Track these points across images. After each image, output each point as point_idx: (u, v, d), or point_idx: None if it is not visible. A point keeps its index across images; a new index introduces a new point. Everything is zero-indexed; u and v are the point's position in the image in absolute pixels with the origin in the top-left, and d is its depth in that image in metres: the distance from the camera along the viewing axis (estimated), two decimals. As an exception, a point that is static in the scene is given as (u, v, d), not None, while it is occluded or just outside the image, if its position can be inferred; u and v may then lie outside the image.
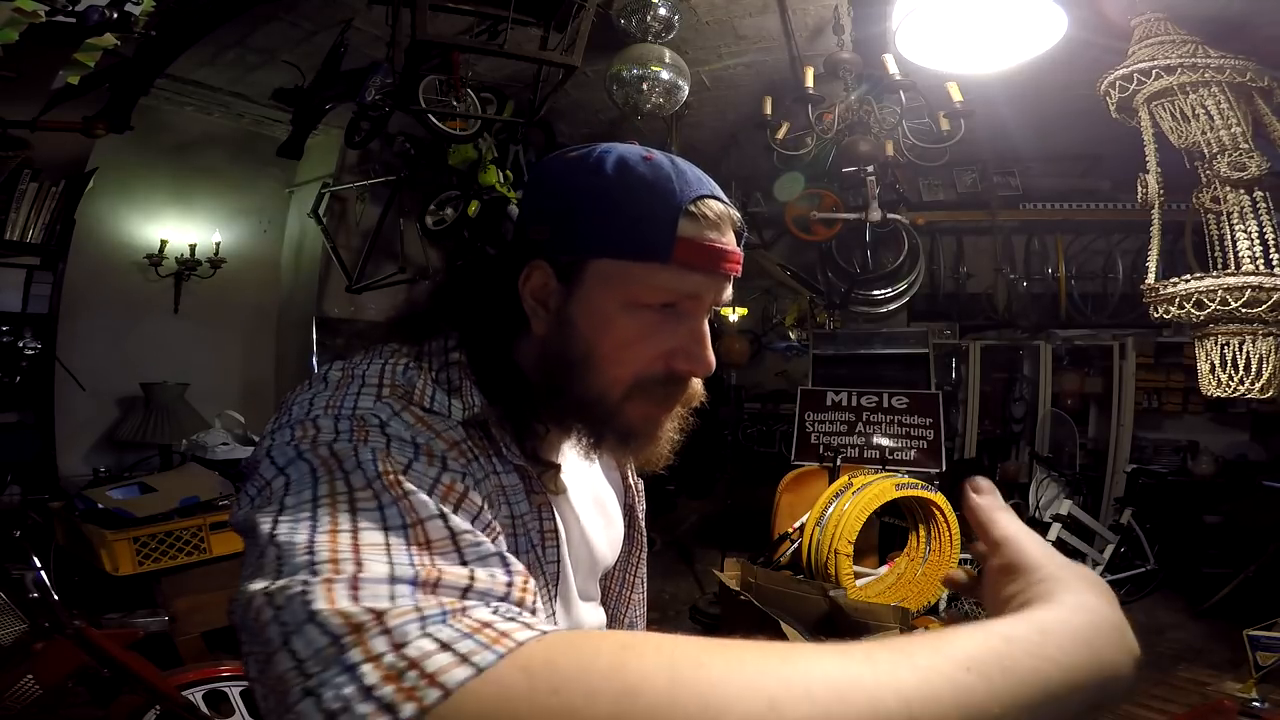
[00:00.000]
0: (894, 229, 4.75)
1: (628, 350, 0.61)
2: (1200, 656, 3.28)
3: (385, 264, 4.33)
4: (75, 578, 2.57)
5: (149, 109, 3.29)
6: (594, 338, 0.61)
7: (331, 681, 0.34)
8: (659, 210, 0.59)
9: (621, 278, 0.60)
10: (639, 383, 0.62)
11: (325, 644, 0.36)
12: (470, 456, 0.57)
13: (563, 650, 0.36)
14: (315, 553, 0.40)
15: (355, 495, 0.45)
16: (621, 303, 0.60)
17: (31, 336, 3.15)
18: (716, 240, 0.60)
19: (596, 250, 0.60)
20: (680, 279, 0.60)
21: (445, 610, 0.37)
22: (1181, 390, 5.08)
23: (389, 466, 0.47)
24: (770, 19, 3.20)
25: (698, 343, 0.62)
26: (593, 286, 0.61)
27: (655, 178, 0.60)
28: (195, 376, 3.75)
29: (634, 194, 0.60)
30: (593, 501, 0.75)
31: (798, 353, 6.09)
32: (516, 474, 0.63)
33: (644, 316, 0.60)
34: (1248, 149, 1.97)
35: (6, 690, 1.80)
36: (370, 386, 0.57)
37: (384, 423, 0.52)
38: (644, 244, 0.59)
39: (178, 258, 3.78)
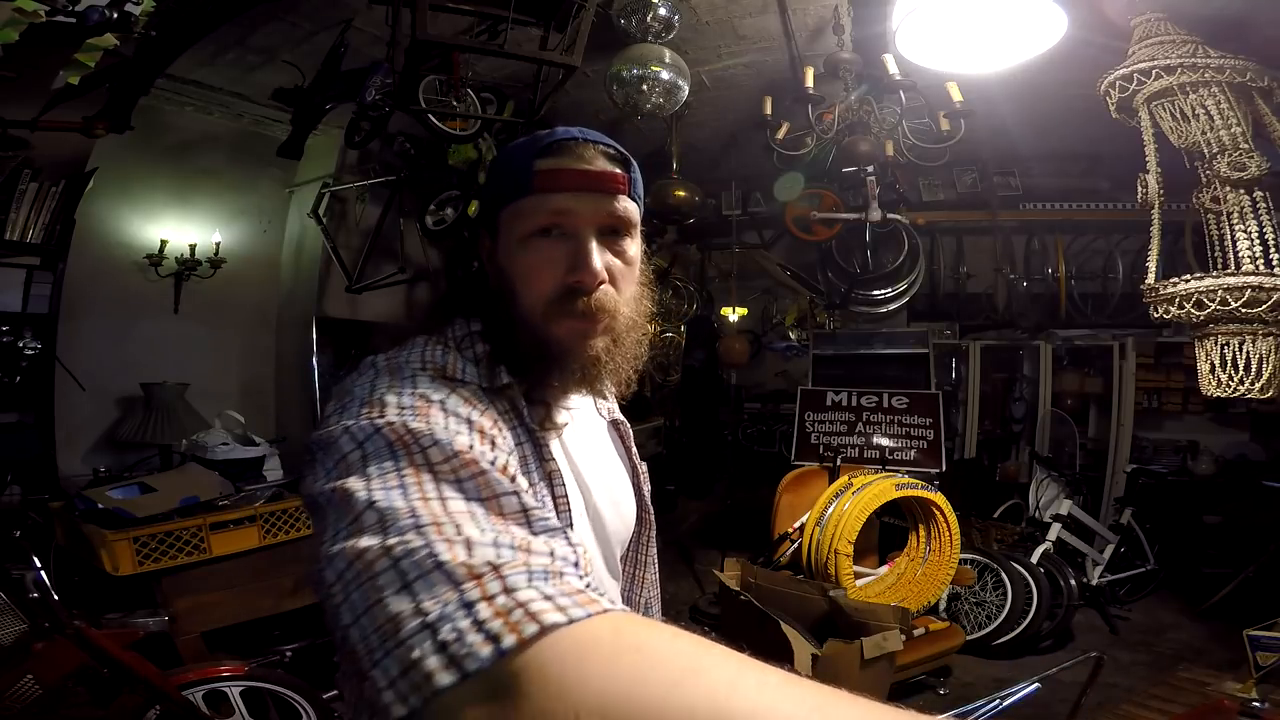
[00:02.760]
0: (894, 229, 4.75)
1: (532, 275, 0.71)
2: (1200, 656, 3.28)
3: (385, 264, 4.33)
4: (75, 578, 2.56)
5: (149, 109, 3.29)
6: (510, 271, 0.73)
7: (450, 616, 0.40)
8: (521, 156, 0.72)
9: (511, 217, 0.72)
10: (550, 301, 0.71)
11: (447, 588, 0.42)
12: (503, 429, 0.64)
13: (646, 624, 0.42)
14: (418, 516, 0.46)
15: (435, 468, 0.51)
16: (517, 238, 0.72)
17: (31, 336, 3.15)
18: (573, 165, 0.70)
19: (497, 204, 0.74)
20: (546, 201, 0.70)
21: (547, 571, 0.44)
22: (1181, 390, 5.08)
23: (461, 445, 0.54)
24: (770, 19, 3.20)
25: (581, 254, 0.70)
26: (502, 234, 0.74)
27: (528, 138, 0.73)
28: (195, 376, 3.74)
29: (510, 154, 0.74)
30: (605, 479, 0.82)
31: (798, 353, 6.09)
32: (531, 441, 0.70)
33: (535, 244, 0.71)
34: (1248, 149, 1.97)
35: (6, 690, 1.80)
36: (417, 368, 0.65)
37: (443, 401, 0.60)
38: (515, 185, 0.71)
39: (178, 258, 3.78)
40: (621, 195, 0.72)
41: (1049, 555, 3.73)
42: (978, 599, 3.55)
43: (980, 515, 4.50)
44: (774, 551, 3.48)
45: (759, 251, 5.89)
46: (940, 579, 3.23)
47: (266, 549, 2.72)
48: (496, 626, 0.39)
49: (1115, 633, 3.77)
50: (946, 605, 3.57)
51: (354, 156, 4.15)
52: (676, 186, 4.29)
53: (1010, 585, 3.46)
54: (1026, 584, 3.47)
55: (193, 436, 3.25)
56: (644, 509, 0.91)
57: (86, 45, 1.91)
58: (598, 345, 0.73)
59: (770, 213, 5.31)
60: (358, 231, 4.30)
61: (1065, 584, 3.56)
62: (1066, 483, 4.32)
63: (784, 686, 0.37)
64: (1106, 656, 1.32)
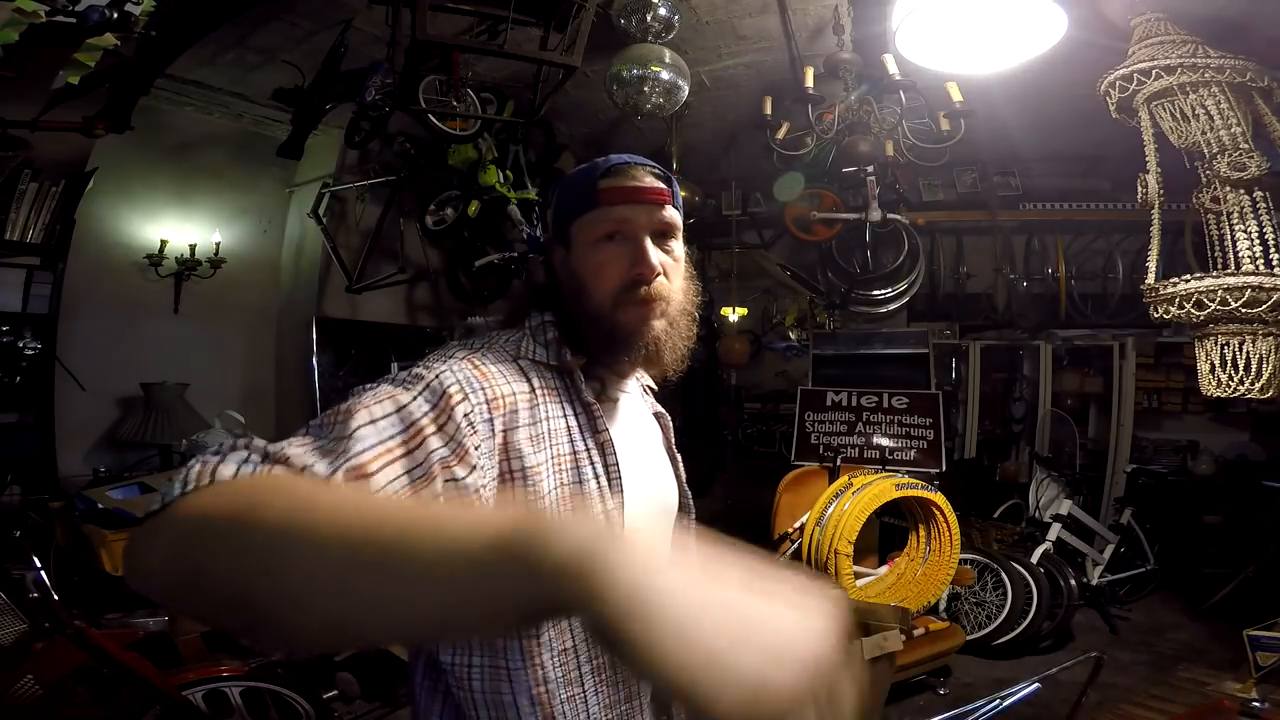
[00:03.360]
0: (894, 229, 4.75)
1: (601, 271, 0.86)
2: (1200, 656, 3.28)
3: (385, 264, 4.33)
4: (75, 578, 2.57)
5: (149, 109, 3.29)
6: (582, 272, 0.88)
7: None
8: (590, 175, 0.88)
9: (581, 228, 0.88)
10: (617, 293, 0.86)
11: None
12: (539, 402, 0.80)
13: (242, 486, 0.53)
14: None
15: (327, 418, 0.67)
16: (588, 243, 0.87)
17: (31, 336, 3.15)
18: (628, 183, 0.87)
19: (570, 218, 0.89)
20: (609, 212, 0.86)
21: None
22: (1181, 390, 5.08)
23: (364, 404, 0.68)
24: (770, 19, 3.20)
25: (640, 252, 0.86)
26: (575, 242, 0.89)
27: (588, 165, 0.90)
28: (195, 376, 3.74)
29: (578, 173, 0.91)
30: (651, 461, 0.96)
31: (798, 353, 6.08)
32: (586, 414, 0.85)
33: (603, 247, 0.87)
34: (1248, 149, 1.97)
35: (6, 690, 1.80)
36: (463, 350, 0.81)
37: (438, 375, 0.74)
38: (585, 200, 0.87)
39: (178, 258, 3.78)
40: (667, 205, 0.89)
41: (1049, 555, 3.73)
42: (978, 599, 3.55)
43: (980, 515, 4.50)
44: (774, 551, 3.48)
45: (759, 251, 5.89)
46: (940, 579, 3.23)
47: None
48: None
49: (1115, 633, 3.77)
50: (946, 605, 3.57)
51: (354, 156, 4.15)
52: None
53: (1010, 585, 3.46)
54: (1026, 584, 3.47)
55: (193, 436, 3.25)
56: (684, 495, 1.02)
57: (86, 45, 1.91)
58: (657, 327, 0.88)
59: (770, 213, 5.30)
60: (358, 231, 4.30)
61: (1065, 584, 3.56)
62: (1066, 483, 4.32)
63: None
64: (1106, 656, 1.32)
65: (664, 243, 0.89)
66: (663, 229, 0.88)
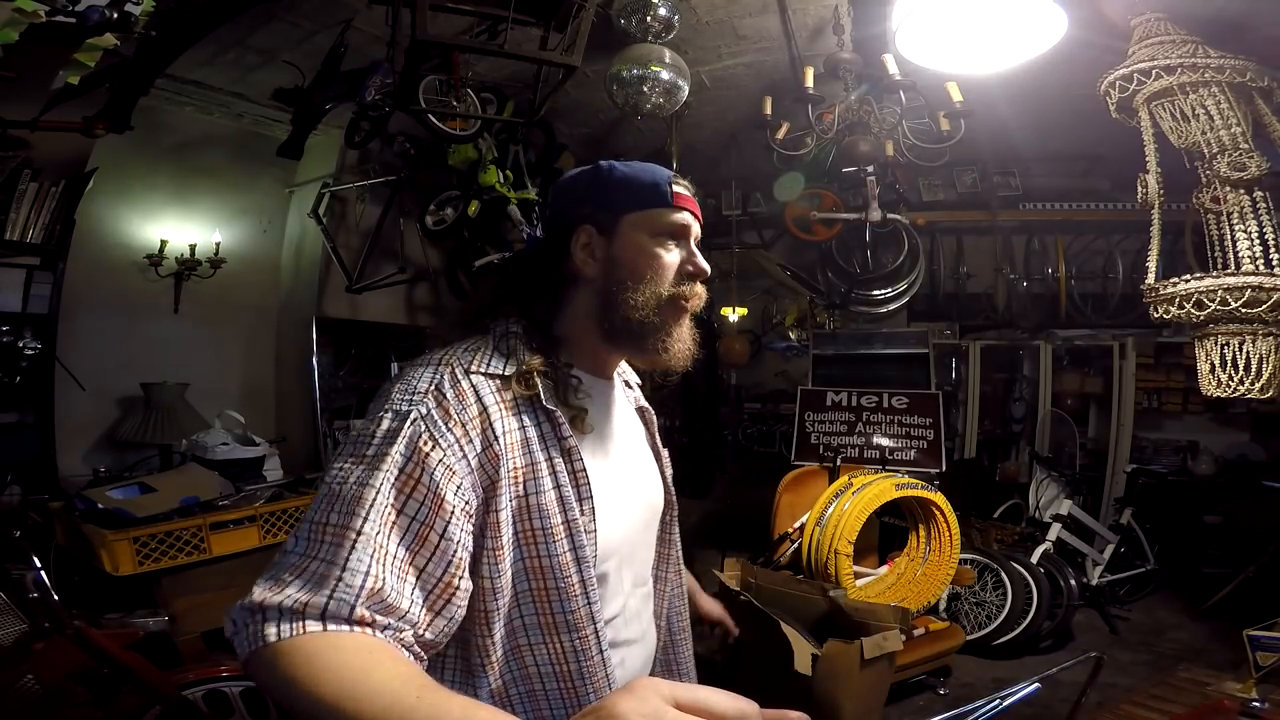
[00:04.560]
0: (894, 229, 4.75)
1: (660, 265, 0.91)
2: (1200, 656, 3.28)
3: (385, 264, 4.33)
4: (75, 578, 2.56)
5: (149, 109, 3.29)
6: (638, 263, 0.91)
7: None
8: (659, 179, 0.94)
9: (646, 220, 0.92)
10: (671, 286, 0.91)
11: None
12: (493, 420, 0.80)
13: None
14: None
15: (338, 497, 0.75)
16: (650, 235, 0.92)
17: (31, 336, 3.15)
18: (688, 194, 0.95)
19: (626, 208, 0.92)
20: (678, 214, 0.93)
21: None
22: (1181, 390, 5.08)
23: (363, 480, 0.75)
24: (770, 19, 3.20)
25: (696, 255, 0.95)
26: (627, 232, 0.92)
27: (646, 165, 0.95)
28: (195, 376, 3.74)
29: (641, 173, 0.94)
30: (633, 458, 0.99)
31: (798, 353, 6.08)
32: (549, 422, 0.84)
33: (663, 243, 0.92)
34: (1248, 149, 1.97)
35: (6, 690, 1.80)
36: (427, 372, 0.82)
37: (413, 424, 0.77)
38: (657, 195, 0.92)
39: (178, 258, 3.78)
40: (701, 224, 0.97)
41: (1049, 555, 3.73)
42: (978, 599, 3.55)
43: (980, 515, 4.50)
44: (774, 551, 3.48)
45: (759, 251, 5.88)
46: (940, 579, 3.22)
47: (266, 549, 2.72)
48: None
49: (1115, 633, 3.76)
50: (946, 605, 3.57)
51: (354, 156, 4.15)
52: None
53: (1010, 585, 3.46)
54: (1026, 584, 3.47)
55: (193, 436, 3.25)
56: (668, 491, 1.05)
57: (86, 45, 1.91)
58: (688, 324, 0.95)
59: (770, 213, 5.30)
60: (358, 231, 4.30)
61: (1065, 584, 3.56)
62: (1066, 483, 4.32)
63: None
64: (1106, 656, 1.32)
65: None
66: (697, 241, 0.97)
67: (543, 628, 0.81)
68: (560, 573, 0.80)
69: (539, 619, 0.81)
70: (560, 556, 0.80)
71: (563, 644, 0.81)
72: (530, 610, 0.81)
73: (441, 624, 0.75)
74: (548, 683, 0.82)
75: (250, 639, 0.67)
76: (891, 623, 2.56)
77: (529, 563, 0.80)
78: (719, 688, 0.53)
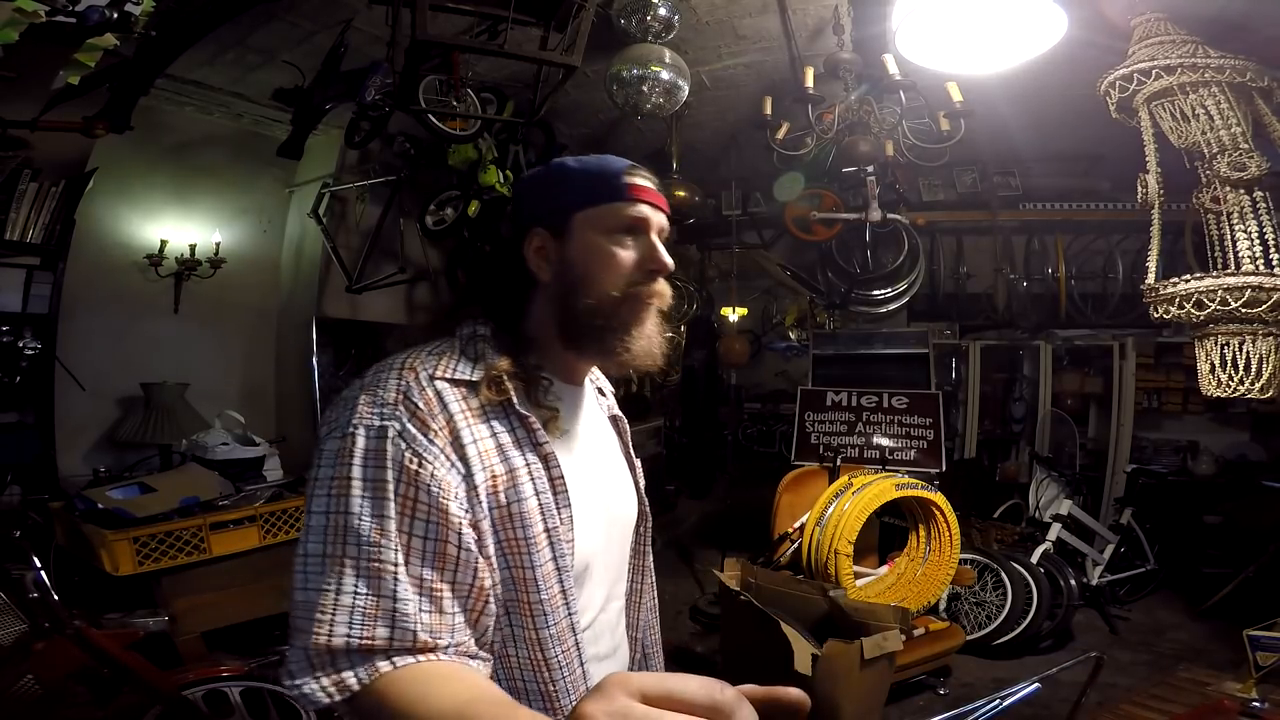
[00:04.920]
0: (894, 229, 4.75)
1: (614, 264, 0.86)
2: (1200, 656, 3.28)
3: (385, 264, 4.33)
4: (75, 578, 2.56)
5: (149, 109, 3.28)
6: (589, 264, 0.86)
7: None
8: (613, 170, 0.88)
9: (599, 217, 0.86)
10: (628, 284, 0.86)
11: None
12: (462, 427, 0.77)
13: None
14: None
15: (348, 533, 0.75)
16: (603, 233, 0.86)
17: (31, 336, 3.15)
18: (648, 184, 0.89)
19: (578, 205, 0.87)
20: (634, 207, 0.87)
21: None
22: (1181, 390, 5.08)
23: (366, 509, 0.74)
24: (770, 19, 3.20)
25: (656, 249, 0.88)
26: (579, 231, 0.86)
27: (601, 158, 0.90)
28: (195, 376, 3.74)
29: (592, 167, 0.89)
30: (607, 467, 0.96)
31: (798, 353, 6.09)
32: (523, 427, 0.82)
33: (619, 240, 0.86)
34: (1248, 149, 1.97)
35: (6, 690, 1.80)
36: (393, 379, 0.79)
37: (388, 437, 0.75)
38: (610, 190, 0.87)
39: (178, 258, 3.78)
40: (668, 216, 0.92)
41: (1049, 555, 3.73)
42: (978, 599, 3.55)
43: (980, 515, 4.50)
44: (774, 551, 3.48)
45: (759, 251, 5.89)
46: (940, 579, 3.22)
47: (266, 549, 2.72)
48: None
49: (1115, 633, 3.77)
50: (946, 605, 3.57)
51: (354, 156, 4.14)
52: (676, 186, 4.29)
53: (1010, 585, 3.46)
54: (1026, 584, 3.47)
55: (193, 436, 3.25)
56: (642, 502, 1.02)
57: (86, 45, 1.91)
58: (651, 323, 0.89)
59: (770, 213, 5.30)
60: (358, 231, 4.30)
61: (1065, 584, 3.56)
62: (1066, 483, 4.32)
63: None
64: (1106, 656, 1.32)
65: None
66: (662, 235, 0.91)
67: (528, 643, 0.79)
68: (544, 583, 0.78)
69: (524, 632, 0.79)
70: (543, 566, 0.79)
71: (546, 656, 0.79)
72: (519, 622, 0.79)
73: (487, 624, 0.78)
74: (534, 702, 0.80)
75: (330, 690, 0.72)
76: (891, 623, 2.56)
77: (514, 573, 0.78)
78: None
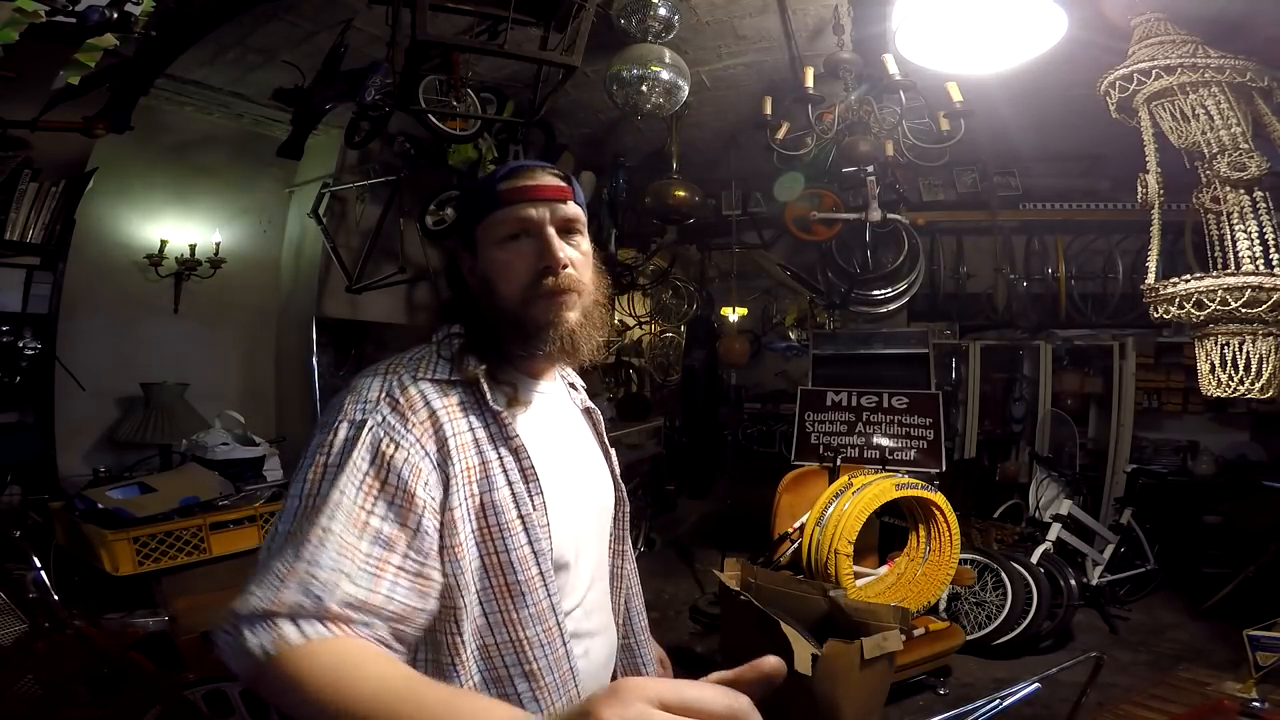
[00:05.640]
0: (894, 229, 4.75)
1: (508, 268, 0.90)
2: (1200, 656, 3.28)
3: (385, 264, 4.33)
4: (75, 578, 2.56)
5: (149, 109, 3.28)
6: (490, 272, 0.91)
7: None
8: (486, 184, 0.93)
9: (488, 228, 0.91)
10: (526, 287, 0.90)
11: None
12: (444, 421, 0.83)
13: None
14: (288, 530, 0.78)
15: (320, 512, 0.76)
16: (494, 243, 0.91)
17: (31, 336, 3.15)
18: (526, 182, 0.90)
19: (472, 224, 0.93)
20: (511, 211, 0.90)
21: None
22: (1181, 390, 5.08)
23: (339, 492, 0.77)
24: (770, 19, 3.20)
25: (547, 247, 0.89)
26: (480, 245, 0.93)
27: (498, 169, 0.94)
28: (195, 376, 3.74)
29: (476, 184, 0.97)
30: (581, 457, 1.01)
31: (798, 353, 6.10)
32: (496, 422, 0.87)
33: (509, 246, 0.91)
34: (1248, 149, 1.97)
35: (6, 690, 1.80)
36: (377, 382, 0.86)
37: (370, 432, 0.81)
38: (490, 200, 0.91)
39: (178, 258, 3.78)
40: (569, 201, 0.92)
41: (1049, 555, 3.73)
42: (978, 599, 3.55)
43: (980, 515, 4.50)
44: (774, 551, 3.48)
45: (759, 251, 5.89)
46: (940, 579, 3.23)
47: (266, 549, 2.72)
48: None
49: (1115, 633, 3.77)
50: (946, 605, 3.57)
51: (354, 156, 4.14)
52: (676, 186, 4.29)
53: (1010, 585, 3.46)
54: (1026, 584, 3.47)
55: (193, 436, 3.25)
56: (618, 488, 1.07)
57: (86, 45, 1.91)
58: (570, 318, 0.91)
59: (770, 213, 5.30)
60: (358, 231, 4.30)
61: (1065, 584, 3.56)
62: (1066, 483, 4.32)
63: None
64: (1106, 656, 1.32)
65: (568, 238, 0.92)
66: (566, 225, 0.92)
67: (507, 625, 0.83)
68: (519, 566, 0.83)
69: (503, 615, 0.83)
70: (518, 550, 0.84)
71: (527, 636, 0.83)
72: (494, 608, 0.83)
73: (420, 617, 0.78)
74: (519, 684, 0.83)
75: (239, 652, 0.70)
76: (891, 623, 2.56)
77: (488, 560, 0.83)
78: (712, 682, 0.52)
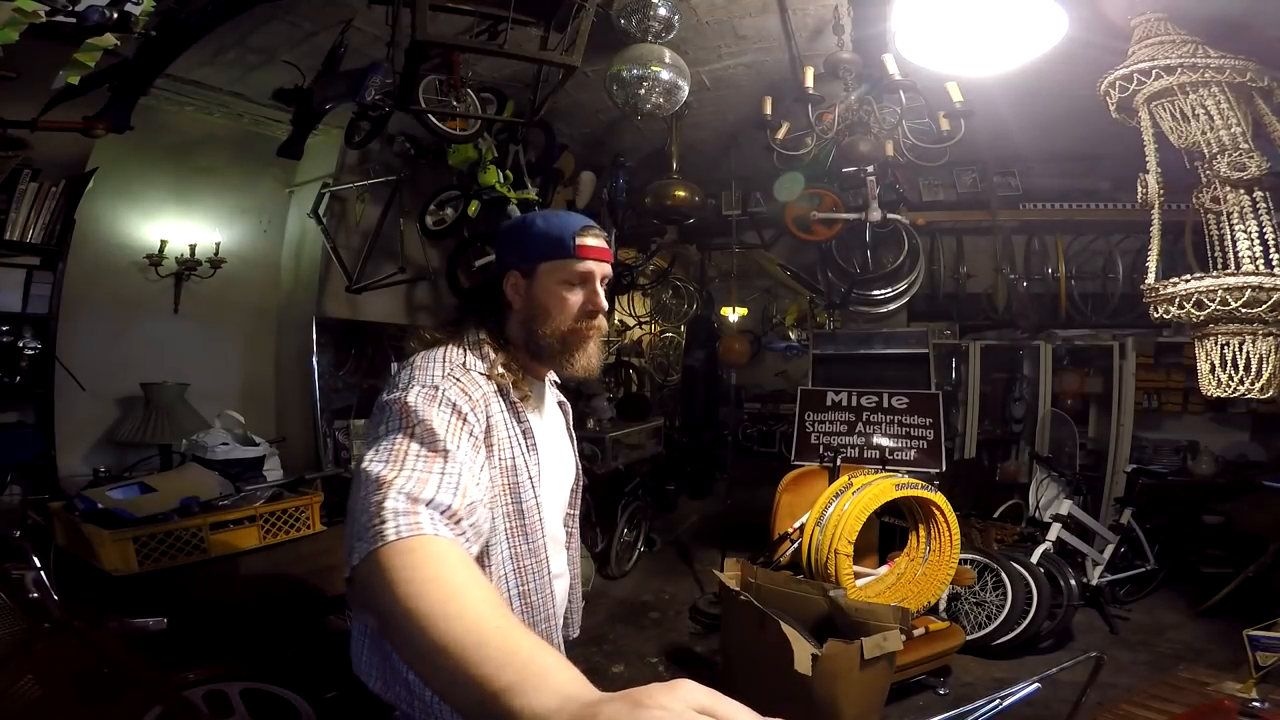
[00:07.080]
0: (894, 229, 4.75)
1: (565, 306, 1.18)
2: (1200, 656, 3.28)
3: (385, 264, 4.33)
4: (75, 578, 2.56)
5: (149, 109, 3.28)
6: (548, 304, 1.18)
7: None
8: (567, 234, 1.18)
9: (556, 269, 1.18)
10: (574, 320, 1.19)
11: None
12: (489, 403, 1.09)
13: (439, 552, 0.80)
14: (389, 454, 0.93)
15: (415, 430, 0.95)
16: (558, 281, 1.18)
17: (31, 336, 3.15)
18: (593, 243, 1.19)
19: (543, 257, 1.18)
20: (581, 264, 1.18)
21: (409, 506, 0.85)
22: (1181, 390, 5.08)
23: (430, 417, 0.98)
24: (770, 19, 3.20)
25: (596, 296, 1.20)
26: (542, 278, 1.19)
27: (562, 218, 1.20)
28: (195, 376, 3.74)
29: (554, 229, 1.19)
30: (558, 443, 1.31)
31: (798, 353, 6.10)
32: (512, 410, 1.15)
33: (569, 289, 1.18)
34: (1248, 149, 1.97)
35: (6, 690, 1.80)
36: (439, 364, 1.09)
37: (445, 390, 1.03)
38: (564, 249, 1.17)
39: (178, 258, 3.78)
40: (610, 264, 1.22)
41: (1049, 555, 3.73)
42: (978, 599, 3.55)
43: (980, 515, 4.50)
44: (774, 551, 3.48)
45: (759, 251, 5.89)
46: (940, 579, 3.22)
47: (266, 549, 2.72)
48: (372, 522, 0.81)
49: (1115, 633, 3.77)
50: (946, 605, 3.57)
51: (354, 156, 4.15)
52: (676, 186, 4.29)
53: (1010, 585, 3.46)
54: (1026, 584, 3.47)
55: (193, 436, 3.24)
56: (578, 466, 1.39)
57: (86, 45, 1.91)
58: (593, 349, 1.23)
59: (770, 213, 5.30)
60: (358, 231, 4.30)
61: (1065, 584, 3.56)
62: (1066, 483, 4.32)
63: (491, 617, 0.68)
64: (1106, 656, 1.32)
65: (603, 288, 1.22)
66: (604, 281, 1.22)
67: (515, 556, 1.12)
68: (528, 512, 1.13)
69: (513, 549, 1.12)
70: (529, 501, 1.13)
71: (526, 565, 1.13)
72: (506, 545, 1.11)
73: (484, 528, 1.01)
74: (515, 603, 1.12)
75: (384, 531, 0.79)
76: (891, 623, 2.56)
77: (509, 508, 1.12)
78: (740, 703, 0.52)
